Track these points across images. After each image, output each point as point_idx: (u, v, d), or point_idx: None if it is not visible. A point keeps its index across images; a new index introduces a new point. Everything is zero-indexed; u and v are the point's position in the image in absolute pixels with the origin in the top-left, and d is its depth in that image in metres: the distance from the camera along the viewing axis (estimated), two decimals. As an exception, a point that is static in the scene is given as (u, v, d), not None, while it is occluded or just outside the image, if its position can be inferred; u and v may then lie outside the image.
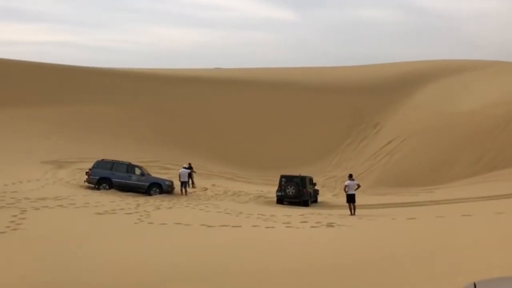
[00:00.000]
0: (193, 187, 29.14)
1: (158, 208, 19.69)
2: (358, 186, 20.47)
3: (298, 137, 45.27)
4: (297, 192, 24.49)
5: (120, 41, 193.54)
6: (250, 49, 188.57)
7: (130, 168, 25.93)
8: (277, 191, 25.22)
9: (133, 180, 25.48)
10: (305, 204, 24.51)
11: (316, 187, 27.78)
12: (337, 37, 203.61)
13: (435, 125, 39.45)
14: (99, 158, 26.99)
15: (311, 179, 26.79)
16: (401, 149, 39.58)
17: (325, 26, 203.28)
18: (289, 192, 24.61)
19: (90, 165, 26.33)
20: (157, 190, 25.41)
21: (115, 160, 26.66)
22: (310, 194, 25.50)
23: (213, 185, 30.99)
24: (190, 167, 30.41)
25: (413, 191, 29.84)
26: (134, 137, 41.36)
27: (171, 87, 49.29)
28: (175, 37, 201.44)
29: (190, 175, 29.83)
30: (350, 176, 21.06)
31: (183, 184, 26.41)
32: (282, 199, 24.89)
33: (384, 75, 53.44)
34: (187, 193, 26.47)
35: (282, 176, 25.48)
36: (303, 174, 27.12)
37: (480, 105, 38.75)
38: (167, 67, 60.47)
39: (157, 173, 30.15)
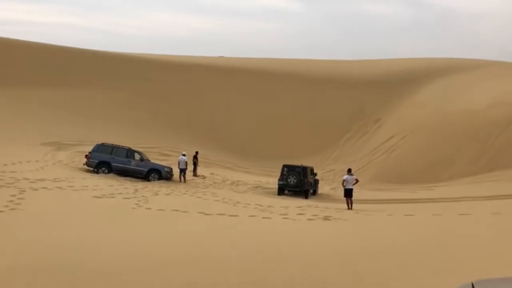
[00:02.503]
0: (194, 175, 29.13)
1: (156, 194, 19.76)
2: (356, 181, 20.50)
3: (299, 129, 45.25)
4: (298, 182, 24.83)
5: (123, 25, 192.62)
6: (254, 39, 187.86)
7: (129, 153, 25.96)
8: (279, 180, 25.52)
9: (132, 165, 25.52)
10: (305, 193, 24.88)
11: (316, 177, 28.14)
12: (342, 30, 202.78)
13: (436, 123, 39.40)
14: (99, 142, 27.00)
15: (312, 169, 27.15)
16: (401, 146, 39.56)
17: (330, 18, 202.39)
18: (290, 181, 24.93)
19: (90, 148, 26.35)
20: (156, 176, 25.46)
21: (115, 145, 26.68)
22: (311, 184, 25.90)
23: (212, 173, 31.04)
24: (195, 157, 30.27)
25: (412, 188, 29.86)
26: (134, 122, 41.36)
27: (174, 73, 49.17)
28: (179, 24, 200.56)
29: (194, 164, 29.76)
30: (349, 171, 21.09)
31: (182, 171, 26.46)
32: (283, 188, 25.20)
33: (388, 71, 53.27)
34: (186, 180, 26.54)
35: (284, 166, 25.81)
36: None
37: (482, 105, 38.66)
38: (170, 54, 60.28)
39: (156, 159, 30.19)
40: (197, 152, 31.03)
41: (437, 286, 7.49)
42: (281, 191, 25.15)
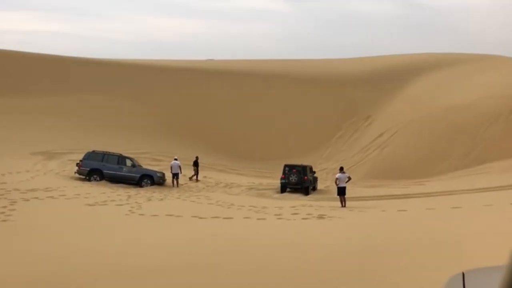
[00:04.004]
0: (196, 180, 28.94)
1: (150, 200, 19.68)
2: (349, 178, 20.56)
3: (290, 129, 45.31)
4: (299, 180, 26.27)
5: (112, 31, 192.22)
6: (243, 41, 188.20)
7: (121, 159, 25.83)
8: (281, 178, 26.86)
9: (124, 171, 25.39)
10: (306, 190, 26.23)
11: (315, 175, 29.30)
12: (329, 29, 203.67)
13: (426, 118, 39.65)
14: (90, 149, 26.85)
15: (311, 168, 28.57)
16: (392, 142, 39.77)
17: (318, 18, 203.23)
18: (292, 179, 26.31)
19: (81, 156, 26.19)
20: (149, 181, 25.36)
21: (106, 152, 26.55)
22: (311, 181, 27.40)
23: (205, 177, 30.94)
24: (196, 163, 29.77)
25: (404, 184, 30.02)
26: (125, 128, 41.16)
27: (163, 78, 49.05)
28: (168, 28, 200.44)
29: (196, 169, 29.42)
30: (341, 169, 21.16)
31: (175, 175, 26.38)
32: (285, 186, 26.64)
33: (377, 68, 53.52)
34: (179, 184, 26.46)
35: (285, 166, 27.27)
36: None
37: (472, 98, 38.97)
38: (159, 58, 60.18)
39: (148, 165, 30.06)
40: (197, 157, 30.43)
41: (433, 278, 7.52)
42: (283, 188, 26.58)
